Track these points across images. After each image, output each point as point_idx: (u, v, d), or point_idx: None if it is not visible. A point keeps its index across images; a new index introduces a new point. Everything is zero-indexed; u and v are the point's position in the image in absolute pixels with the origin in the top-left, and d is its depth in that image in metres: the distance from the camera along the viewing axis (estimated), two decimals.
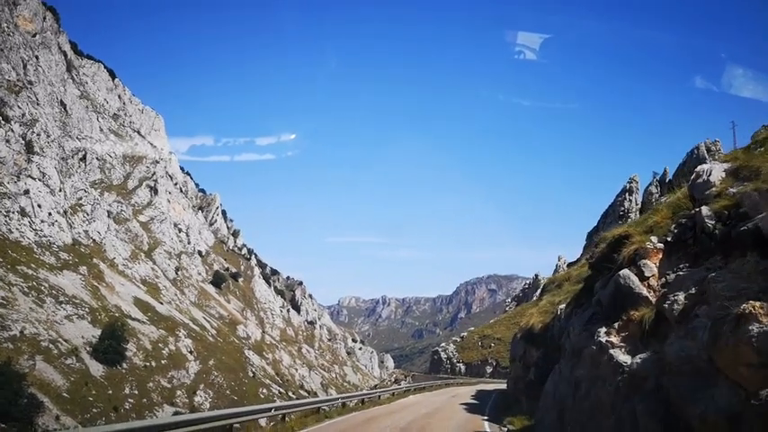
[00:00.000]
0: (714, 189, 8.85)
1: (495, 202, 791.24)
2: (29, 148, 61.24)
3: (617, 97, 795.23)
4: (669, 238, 9.32)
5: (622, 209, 59.12)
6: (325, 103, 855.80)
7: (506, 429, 17.84)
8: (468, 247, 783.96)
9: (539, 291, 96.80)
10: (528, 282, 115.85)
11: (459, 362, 77.74)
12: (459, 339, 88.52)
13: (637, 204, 55.59)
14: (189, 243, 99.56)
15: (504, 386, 47.20)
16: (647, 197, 53.09)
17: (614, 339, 9.00)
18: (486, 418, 22.15)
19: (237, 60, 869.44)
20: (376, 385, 66.78)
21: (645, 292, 8.94)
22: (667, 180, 49.06)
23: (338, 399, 26.55)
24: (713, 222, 8.00)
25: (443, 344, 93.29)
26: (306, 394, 75.79)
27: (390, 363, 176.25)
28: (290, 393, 72.78)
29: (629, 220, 48.61)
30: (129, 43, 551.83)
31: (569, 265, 64.17)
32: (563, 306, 18.67)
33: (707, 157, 39.98)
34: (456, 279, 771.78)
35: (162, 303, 68.17)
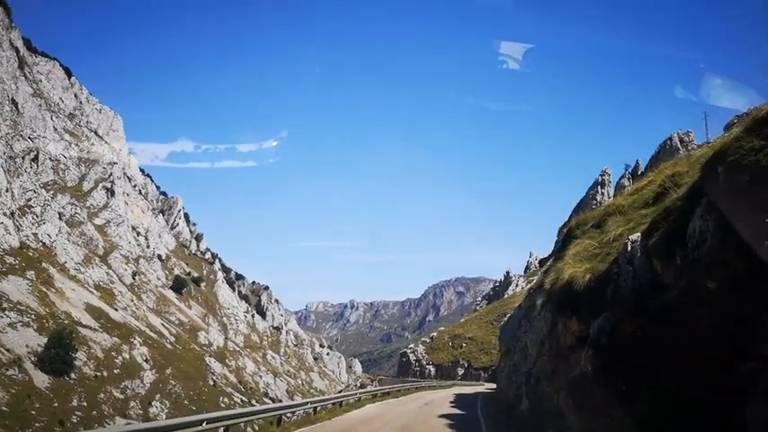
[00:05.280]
0: None
1: (464, 205, 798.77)
2: None
3: (591, 101, 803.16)
4: None
5: (594, 202, 58.96)
6: (307, 111, 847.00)
7: None
8: (435, 250, 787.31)
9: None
10: (498, 281, 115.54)
11: (429, 364, 76.38)
12: (428, 340, 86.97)
13: (609, 197, 55.29)
14: (148, 247, 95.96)
15: (482, 389, 44.39)
16: (618, 190, 52.87)
17: None
18: None
19: (219, 66, 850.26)
20: (341, 390, 64.90)
21: None
22: (639, 172, 48.80)
23: (222, 419, 14.26)
24: None
25: (412, 345, 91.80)
26: (270, 402, 73.30)
27: (358, 367, 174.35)
28: (254, 401, 70.27)
29: None
30: (102, 44, 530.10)
31: (541, 261, 63.44)
32: (636, 236, 11.05)
33: (680, 147, 39.63)
34: (424, 282, 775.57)
35: (116, 310, 64.91)
